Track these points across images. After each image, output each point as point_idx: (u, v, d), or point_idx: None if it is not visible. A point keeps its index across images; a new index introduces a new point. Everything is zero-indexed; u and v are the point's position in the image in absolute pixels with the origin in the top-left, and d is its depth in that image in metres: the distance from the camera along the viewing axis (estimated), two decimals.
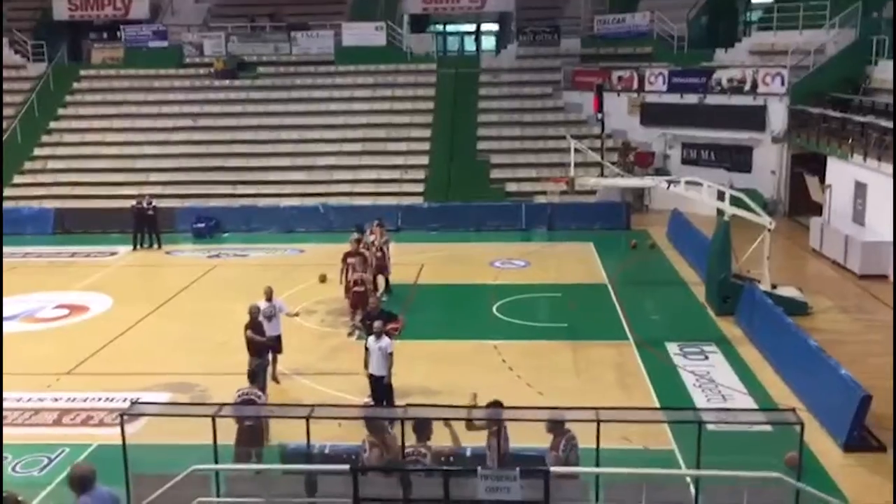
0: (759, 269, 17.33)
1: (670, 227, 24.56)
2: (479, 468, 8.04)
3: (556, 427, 8.91)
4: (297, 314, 15.07)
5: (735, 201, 17.54)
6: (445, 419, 9.22)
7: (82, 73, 34.42)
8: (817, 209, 23.26)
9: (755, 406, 12.68)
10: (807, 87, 25.93)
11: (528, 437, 9.71)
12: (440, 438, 9.20)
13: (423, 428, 8.98)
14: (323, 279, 19.59)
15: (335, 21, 34.92)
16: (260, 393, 11.14)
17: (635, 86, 29.90)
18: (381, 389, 12.44)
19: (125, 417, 9.22)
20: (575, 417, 9.10)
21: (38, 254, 24.37)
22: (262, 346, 13.23)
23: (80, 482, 7.13)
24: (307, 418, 9.07)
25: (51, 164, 30.54)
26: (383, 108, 31.66)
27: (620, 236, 24.87)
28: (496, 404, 9.55)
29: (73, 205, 27.93)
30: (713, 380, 13.95)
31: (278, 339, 13.94)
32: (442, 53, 36.35)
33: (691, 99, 28.34)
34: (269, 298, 14.02)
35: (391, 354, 12.40)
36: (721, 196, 17.69)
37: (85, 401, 13.45)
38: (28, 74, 34.23)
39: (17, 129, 31.36)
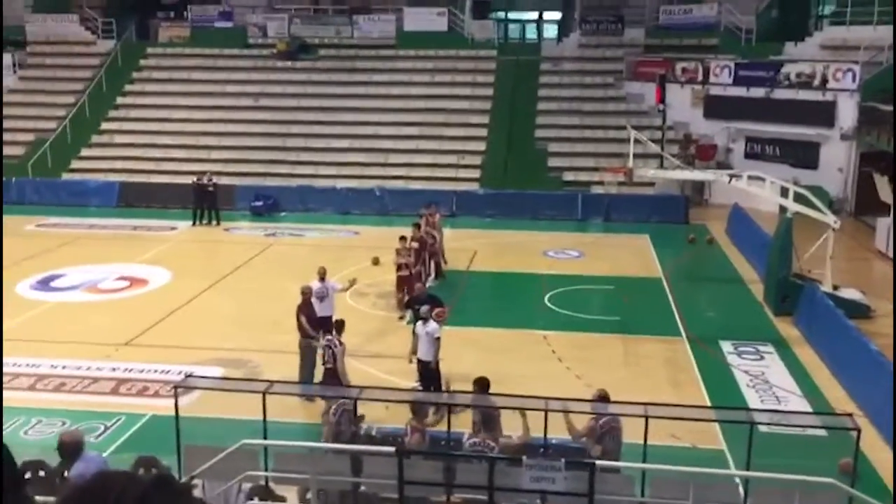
0: (821, 269, 16.88)
1: (730, 222, 24.10)
2: (524, 458, 8.02)
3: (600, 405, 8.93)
4: (353, 282, 15.13)
5: (799, 198, 17.10)
6: (490, 407, 9.21)
7: (149, 50, 35.11)
8: (885, 210, 22.52)
9: (810, 409, 12.38)
10: (879, 83, 25.05)
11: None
12: (509, 429, 9.20)
13: (490, 420, 8.96)
14: (376, 262, 19.73)
15: (397, 5, 34.95)
16: (337, 343, 11.96)
17: (700, 78, 29.30)
18: (429, 374, 12.48)
19: (179, 390, 9.44)
20: (623, 412, 9.02)
21: (102, 226, 25.04)
22: (312, 327, 13.35)
23: (73, 448, 7.12)
24: (355, 399, 9.18)
25: (117, 139, 31.27)
26: (442, 94, 31.62)
27: (678, 230, 24.48)
28: (481, 382, 9.57)
29: (137, 179, 28.62)
30: (768, 380, 13.67)
31: (329, 319, 14.04)
32: (503, 40, 36.09)
33: (758, 92, 27.63)
34: (322, 279, 14.16)
35: (438, 339, 12.42)
36: (784, 192, 17.26)
37: (141, 372, 13.80)
38: (97, 51, 35.05)
39: (86, 103, 32.17)
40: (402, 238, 17.43)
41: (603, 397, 9.53)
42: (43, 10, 36.15)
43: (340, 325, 12.39)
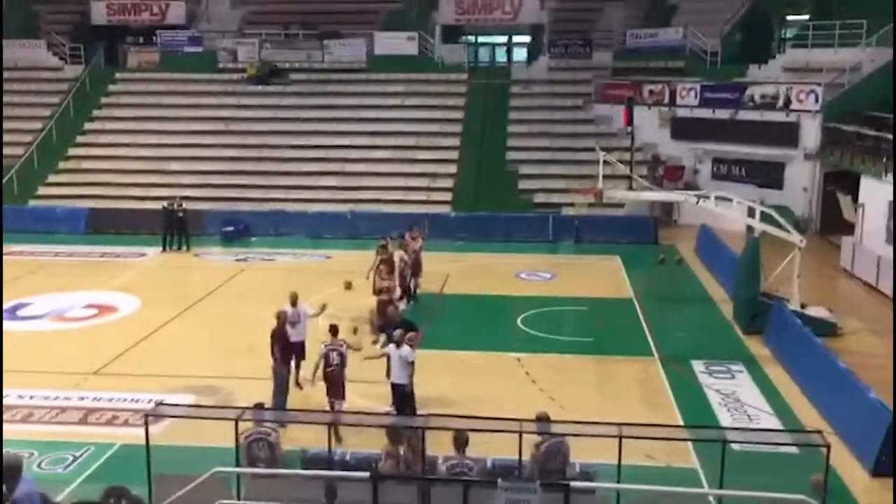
0: (789, 288, 17.12)
1: (699, 242, 24.37)
2: (499, 479, 8.01)
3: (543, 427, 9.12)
4: (323, 307, 14.87)
5: (765, 218, 17.36)
6: (469, 430, 9.20)
7: (118, 76, 34.92)
8: (850, 228, 22.94)
9: (781, 427, 12.52)
10: (841, 105, 25.63)
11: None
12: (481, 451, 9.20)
13: (463, 439, 8.96)
14: (348, 286, 19.67)
15: (368, 30, 35.14)
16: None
17: (666, 100, 29.74)
18: (402, 398, 12.44)
19: (149, 418, 9.33)
20: (597, 432, 9.06)
21: (69, 253, 24.72)
22: (286, 353, 13.27)
23: (16, 470, 7.15)
24: (330, 424, 9.14)
25: (84, 165, 30.99)
26: (413, 117, 31.78)
27: (648, 251, 24.68)
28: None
29: (106, 205, 28.33)
30: (739, 399, 13.80)
31: (302, 345, 13.98)
32: (473, 64, 36.43)
33: (723, 114, 28.11)
34: (293, 304, 14.08)
35: (412, 363, 12.41)
36: (751, 212, 17.52)
37: (110, 401, 13.61)
38: (65, 76, 34.81)
39: (53, 129, 31.88)
40: (384, 261, 17.49)
41: (542, 419, 9.57)
42: (10, 37, 35.85)
43: (336, 329, 12.68)
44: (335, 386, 12.35)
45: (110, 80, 34.57)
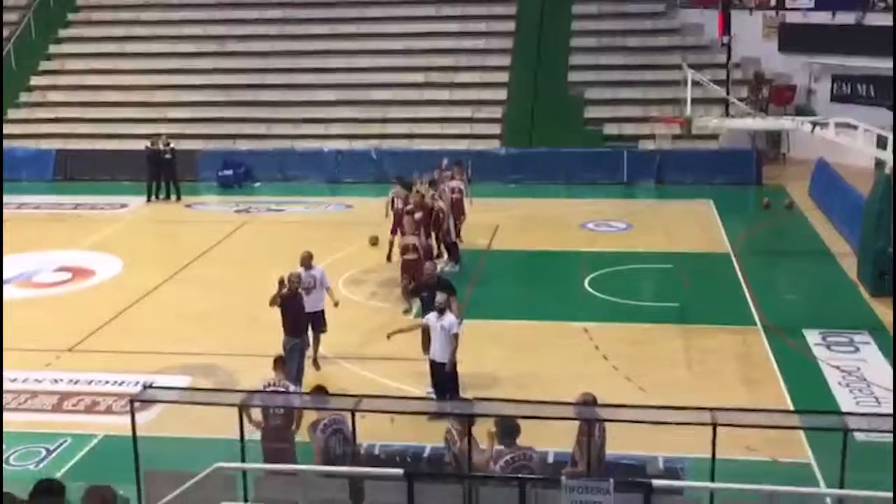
0: None
1: (814, 182, 24.09)
2: (562, 477, 8.04)
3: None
4: (336, 304, 14.65)
5: None
6: (525, 417, 9.22)
7: None
8: None
9: None
10: None
11: (623, 443, 9.71)
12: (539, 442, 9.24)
13: (511, 427, 8.92)
14: (374, 242, 19.77)
15: None
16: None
17: (773, 2, 29.18)
18: (443, 378, 12.50)
19: (136, 404, 9.51)
20: (686, 419, 9.04)
21: (35, 204, 25.26)
22: (300, 323, 13.37)
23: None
24: (352, 411, 9.22)
25: (51, 97, 31.38)
26: (452, 31, 31.57)
27: (749, 193, 24.60)
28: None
29: (78, 146, 28.74)
30: (864, 377, 13.69)
31: (319, 315, 14.06)
32: None
33: (846, 18, 27.50)
34: (307, 266, 14.09)
35: (456, 336, 12.42)
36: (882, 143, 17.19)
37: (90, 383, 13.90)
38: None
39: (11, 53, 32.23)
40: (409, 213, 17.55)
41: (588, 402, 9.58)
42: None
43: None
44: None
45: None
